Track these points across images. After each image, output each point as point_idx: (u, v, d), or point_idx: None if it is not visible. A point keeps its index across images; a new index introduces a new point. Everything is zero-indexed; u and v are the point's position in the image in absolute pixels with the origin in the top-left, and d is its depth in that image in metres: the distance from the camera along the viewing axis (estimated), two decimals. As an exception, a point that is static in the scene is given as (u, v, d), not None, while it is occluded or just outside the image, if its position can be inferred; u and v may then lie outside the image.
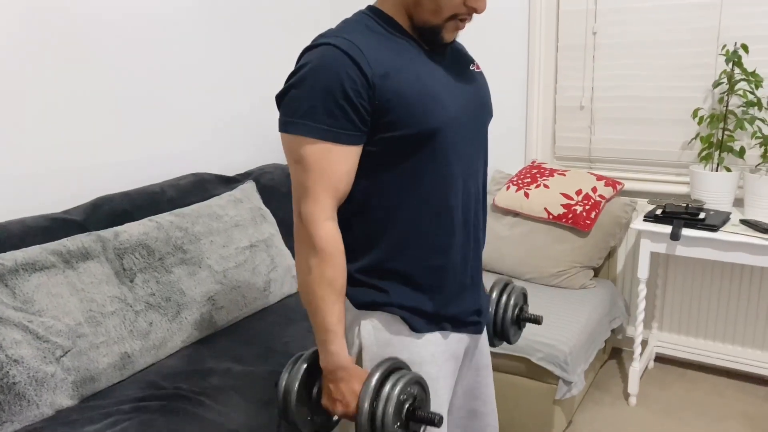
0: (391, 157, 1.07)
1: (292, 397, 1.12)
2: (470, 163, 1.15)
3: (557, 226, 2.48)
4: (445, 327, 1.17)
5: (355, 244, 1.12)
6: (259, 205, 2.30)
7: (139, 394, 1.67)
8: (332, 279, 1.06)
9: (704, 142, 2.32)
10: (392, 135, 1.05)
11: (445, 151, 1.08)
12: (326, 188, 1.04)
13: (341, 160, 1.04)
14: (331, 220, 1.06)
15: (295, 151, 1.05)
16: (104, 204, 1.98)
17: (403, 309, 1.12)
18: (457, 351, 1.22)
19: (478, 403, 1.33)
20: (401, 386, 1.04)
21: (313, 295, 1.07)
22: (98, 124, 2.08)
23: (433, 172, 1.09)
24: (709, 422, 2.32)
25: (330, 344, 1.08)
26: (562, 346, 2.04)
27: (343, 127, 1.02)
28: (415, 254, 1.12)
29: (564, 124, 2.76)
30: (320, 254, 1.05)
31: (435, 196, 1.10)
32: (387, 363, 1.07)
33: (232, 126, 2.59)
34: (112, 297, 1.77)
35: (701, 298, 2.57)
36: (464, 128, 1.12)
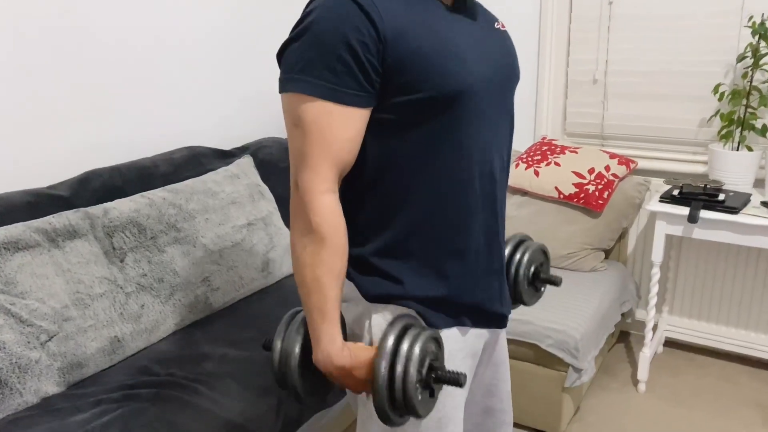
0: (406, 125, 0.95)
1: (292, 360, 0.98)
2: (496, 132, 1.03)
3: (568, 206, 2.38)
4: (464, 322, 1.06)
5: (367, 224, 1.01)
6: (256, 181, 2.20)
7: (130, 381, 1.58)
8: (329, 258, 0.94)
9: (725, 120, 2.21)
10: (408, 99, 0.93)
11: (469, 117, 0.97)
12: (326, 156, 0.92)
13: (343, 124, 0.92)
14: (330, 192, 0.94)
15: (292, 112, 0.93)
16: (93, 179, 1.87)
17: (419, 302, 1.02)
18: (476, 347, 1.12)
19: (495, 401, 1.24)
20: (421, 343, 0.93)
21: (307, 276, 0.95)
22: (87, 93, 1.96)
23: (455, 141, 0.97)
24: (721, 410, 2.25)
25: (322, 332, 0.95)
26: (572, 332, 1.95)
27: (346, 85, 0.91)
28: (433, 234, 1.01)
29: (576, 98, 2.64)
30: (317, 230, 0.93)
31: (456, 169, 0.98)
32: (401, 321, 0.96)
33: (229, 97, 2.47)
34: (101, 278, 1.67)
35: (714, 281, 2.49)
36: (490, 92, 0.99)
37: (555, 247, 2.35)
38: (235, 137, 2.53)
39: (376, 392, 0.92)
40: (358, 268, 1.04)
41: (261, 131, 2.65)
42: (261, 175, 2.30)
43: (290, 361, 1.00)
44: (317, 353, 0.97)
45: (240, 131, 2.55)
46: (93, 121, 1.99)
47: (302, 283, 0.96)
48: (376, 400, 0.93)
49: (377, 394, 0.92)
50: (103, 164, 2.04)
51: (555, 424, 2.05)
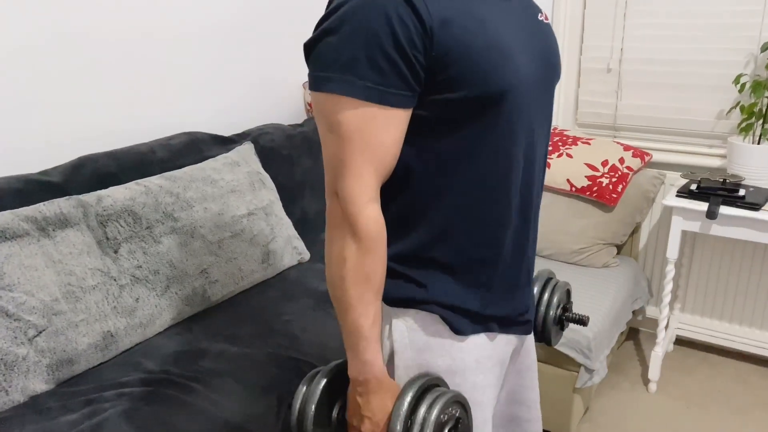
0: (444, 124, 0.87)
1: (308, 419, 0.95)
2: (535, 134, 0.94)
3: (580, 199, 2.29)
4: (491, 327, 0.98)
5: (391, 227, 0.93)
6: (257, 168, 2.11)
7: (123, 379, 1.51)
8: (371, 273, 0.87)
9: (745, 112, 2.12)
10: (449, 97, 0.84)
11: (511, 118, 0.88)
12: (370, 162, 0.84)
13: (388, 127, 0.84)
14: (374, 201, 0.87)
15: (330, 116, 0.84)
16: (86, 165, 1.78)
17: (443, 307, 0.94)
18: (504, 354, 1.05)
19: (522, 409, 1.16)
20: (440, 407, 0.87)
21: (346, 292, 0.88)
22: (82, 75, 1.87)
23: (494, 143, 0.88)
24: (734, 412, 2.18)
25: (363, 352, 0.90)
26: (585, 331, 1.88)
27: (393, 85, 0.81)
28: (461, 243, 0.92)
29: (588, 87, 2.55)
30: (362, 242, 0.86)
31: (493, 174, 0.90)
32: (421, 379, 0.90)
33: (230, 82, 2.38)
34: (94, 269, 1.59)
35: (728, 278, 2.41)
36: (533, 91, 0.91)
37: (566, 241, 2.27)
38: (236, 123, 2.44)
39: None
40: None
41: (262, 117, 2.56)
42: (262, 162, 2.21)
43: (306, 421, 0.95)
44: (355, 368, 0.92)
45: (241, 117, 2.46)
46: (88, 104, 1.90)
47: (339, 299, 0.90)
48: None
49: None
50: (98, 149, 1.95)
51: (565, 424, 1.98)
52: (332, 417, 0.98)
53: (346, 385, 0.98)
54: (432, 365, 0.95)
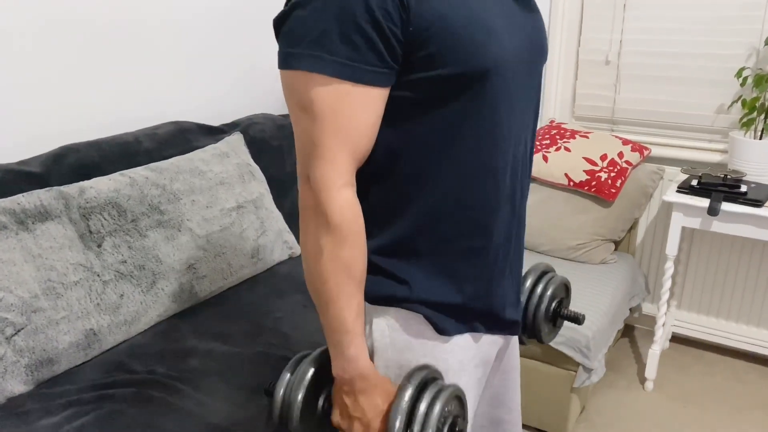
0: (425, 105, 0.81)
1: (294, 410, 0.88)
2: (522, 117, 0.89)
3: (578, 194, 2.25)
4: (476, 328, 0.93)
5: (371, 217, 0.87)
6: (247, 160, 2.04)
7: (106, 379, 1.44)
8: (350, 263, 0.82)
9: (747, 107, 2.08)
10: (429, 75, 0.79)
11: (495, 99, 0.82)
12: (343, 144, 0.79)
13: (364, 107, 0.78)
14: (349, 186, 0.81)
15: (300, 95, 0.78)
16: (68, 154, 1.71)
17: (427, 306, 0.89)
18: (489, 355, 1.00)
19: (503, 411, 1.12)
20: (441, 404, 0.81)
21: (325, 285, 0.82)
22: (64, 61, 1.79)
23: (479, 125, 0.83)
24: (731, 411, 2.15)
25: (347, 347, 0.84)
26: (584, 330, 1.83)
27: (367, 62, 0.76)
28: (447, 232, 0.87)
29: (586, 80, 2.50)
30: (336, 231, 0.80)
31: (479, 157, 0.84)
32: (421, 373, 0.84)
33: (219, 70, 2.30)
34: (76, 264, 1.52)
35: (726, 275, 2.38)
36: (519, 72, 0.85)
37: (564, 237, 2.22)
38: (225, 113, 2.36)
39: None
40: None
41: (252, 107, 2.48)
42: (252, 153, 2.14)
43: (292, 413, 0.88)
44: (339, 366, 0.86)
45: (230, 106, 2.38)
46: (70, 91, 1.82)
47: (321, 293, 0.84)
48: None
49: None
50: (80, 139, 1.87)
51: (562, 425, 1.94)
52: (318, 407, 0.92)
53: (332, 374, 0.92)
54: (414, 365, 0.90)
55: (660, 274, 2.49)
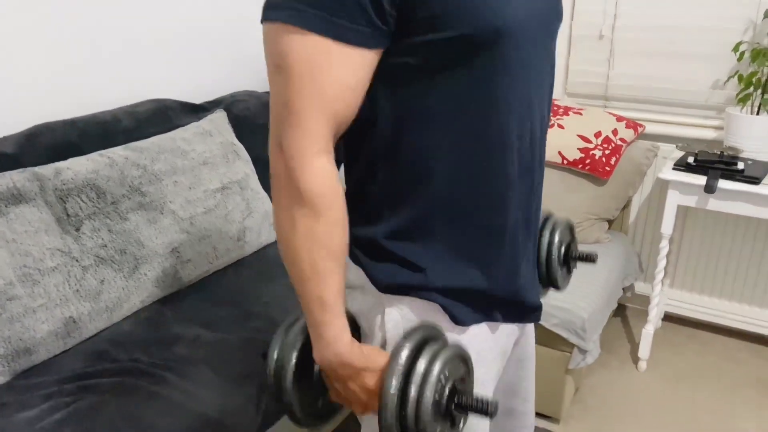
0: (429, 73, 0.74)
1: (288, 373, 0.82)
2: (537, 84, 0.83)
3: (572, 172, 2.20)
4: (495, 317, 0.88)
5: (379, 199, 0.81)
6: (231, 139, 1.97)
7: (87, 369, 1.38)
8: (327, 238, 0.75)
9: (744, 82, 2.04)
10: (432, 38, 0.72)
11: (508, 63, 0.75)
12: (318, 108, 0.72)
13: (344, 69, 0.71)
14: (324, 153, 0.74)
15: (276, 49, 0.72)
16: (43, 133, 1.62)
17: (443, 294, 0.83)
18: (507, 346, 0.95)
19: (517, 401, 1.07)
20: (441, 363, 0.74)
21: (301, 262, 0.75)
22: (37, 35, 1.69)
23: (491, 94, 0.76)
24: (724, 389, 2.14)
25: (325, 329, 0.77)
26: (580, 312, 1.80)
27: (350, 18, 0.69)
28: (462, 211, 0.81)
29: (580, 55, 2.44)
30: (310, 202, 0.73)
31: (493, 129, 0.78)
32: (419, 332, 0.77)
33: (200, 45, 2.22)
34: (53, 249, 1.45)
35: (719, 254, 2.35)
36: (532, 33, 0.78)
37: (557, 216, 2.18)
38: (207, 90, 2.28)
39: (384, 418, 0.74)
40: (367, 252, 0.84)
41: (235, 83, 2.40)
42: (236, 132, 2.06)
43: (286, 375, 0.81)
44: (320, 351, 0.79)
45: (212, 83, 2.30)
46: (44, 66, 1.73)
47: (295, 269, 0.77)
48: (382, 427, 0.75)
49: (384, 421, 0.74)
50: (56, 117, 1.78)
51: (557, 407, 1.91)
52: (315, 372, 0.85)
53: None
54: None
55: (653, 253, 2.46)
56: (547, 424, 1.97)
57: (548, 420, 1.99)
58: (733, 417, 2.01)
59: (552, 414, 1.94)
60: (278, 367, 0.83)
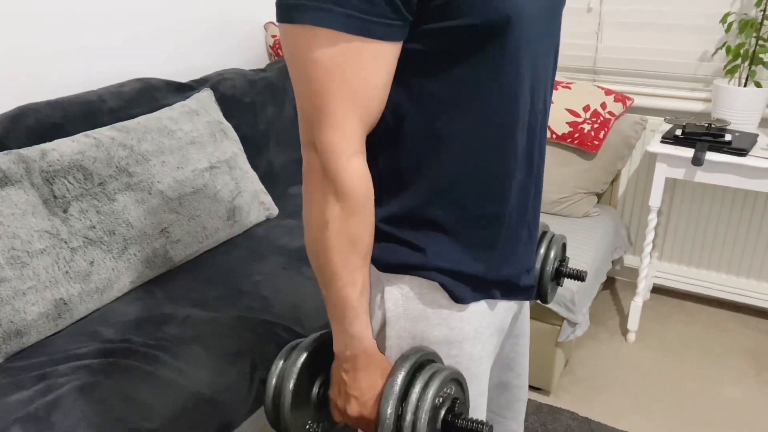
0: (439, 59, 0.74)
1: (286, 397, 0.84)
2: (543, 70, 0.82)
3: (560, 146, 2.20)
4: (493, 294, 0.88)
5: (381, 184, 0.81)
6: (218, 118, 1.95)
7: (79, 350, 1.38)
8: (358, 237, 0.76)
9: (731, 53, 2.04)
10: (447, 25, 0.71)
11: (515, 51, 0.75)
12: (353, 108, 0.71)
13: (376, 65, 0.70)
14: (360, 154, 0.75)
15: (304, 53, 0.70)
16: (28, 115, 1.61)
17: (443, 273, 0.83)
18: (504, 322, 0.95)
19: (511, 375, 1.08)
20: (436, 386, 0.77)
21: (330, 259, 0.77)
22: (19, 15, 1.67)
23: (497, 81, 0.75)
24: (711, 359, 2.17)
25: (350, 324, 0.79)
26: (569, 284, 1.81)
27: (379, 14, 0.68)
28: (464, 198, 0.81)
29: (568, 28, 2.43)
30: (347, 202, 0.74)
31: (496, 116, 0.78)
32: (414, 355, 0.80)
33: (185, 22, 2.19)
34: (41, 231, 1.44)
35: (706, 226, 2.37)
36: (539, 20, 0.78)
37: (547, 191, 2.19)
38: (193, 68, 2.25)
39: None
40: None
41: (222, 62, 2.38)
42: (223, 111, 2.05)
43: (284, 399, 0.84)
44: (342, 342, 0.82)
45: (198, 62, 2.27)
46: (26, 46, 1.71)
47: (322, 267, 0.78)
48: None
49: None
50: (40, 98, 1.76)
51: (547, 379, 1.94)
52: (312, 396, 0.88)
53: (328, 360, 0.87)
54: (427, 336, 0.85)
55: (642, 226, 2.48)
56: (538, 395, 2.00)
57: (539, 392, 2.02)
58: (719, 385, 2.05)
59: (543, 386, 1.97)
60: (277, 391, 0.85)
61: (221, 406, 1.35)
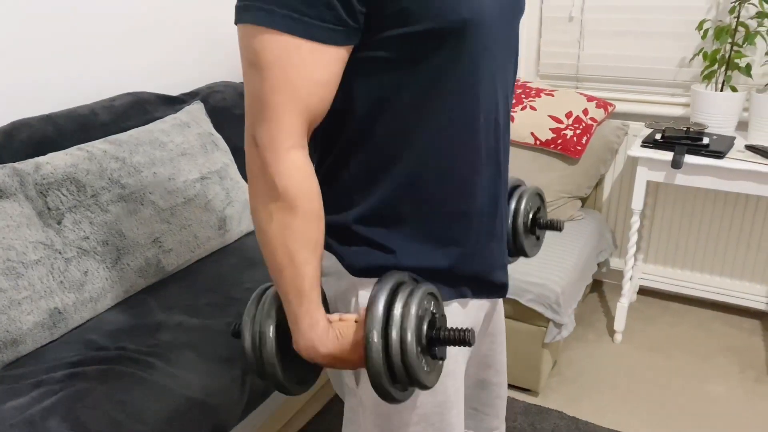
0: (400, 64, 0.78)
1: (267, 344, 0.83)
2: (502, 73, 0.87)
3: (544, 152, 2.25)
4: (464, 293, 0.92)
5: (350, 186, 0.85)
6: (209, 129, 1.99)
7: (75, 358, 1.41)
8: (302, 229, 0.78)
9: (708, 59, 2.09)
10: (403, 32, 0.75)
11: (474, 54, 0.80)
12: (291, 104, 0.75)
13: (314, 65, 0.74)
14: (298, 148, 0.77)
15: (249, 49, 0.75)
16: (21, 129, 1.64)
17: (414, 271, 0.87)
18: (477, 319, 0.99)
19: (490, 373, 1.12)
20: (416, 303, 0.78)
21: (276, 251, 0.78)
22: (9, 31, 1.71)
23: (458, 83, 0.80)
24: (697, 358, 2.21)
25: (304, 317, 0.80)
26: (553, 286, 1.85)
27: (319, 17, 0.72)
28: (430, 196, 0.85)
29: (550, 37, 2.49)
30: (284, 196, 0.76)
31: (459, 117, 0.82)
32: (390, 279, 0.81)
33: (175, 36, 2.23)
34: (36, 243, 1.47)
35: (690, 227, 2.42)
36: (497, 22, 0.82)
37: (531, 196, 2.24)
38: (183, 82, 2.30)
39: (372, 368, 0.77)
40: (339, 238, 0.88)
41: (212, 75, 2.42)
42: (214, 123, 2.09)
43: (266, 347, 0.83)
44: (298, 341, 0.82)
45: (188, 75, 2.31)
46: (18, 62, 1.74)
47: (272, 259, 0.80)
48: (372, 377, 0.78)
49: (373, 370, 0.77)
50: (33, 113, 1.80)
51: (534, 380, 1.97)
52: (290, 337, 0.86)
53: None
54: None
55: (627, 229, 2.53)
56: (526, 396, 2.04)
57: (527, 393, 2.05)
58: (705, 383, 2.09)
59: (530, 387, 2.01)
60: (255, 341, 0.84)
61: (214, 410, 1.38)
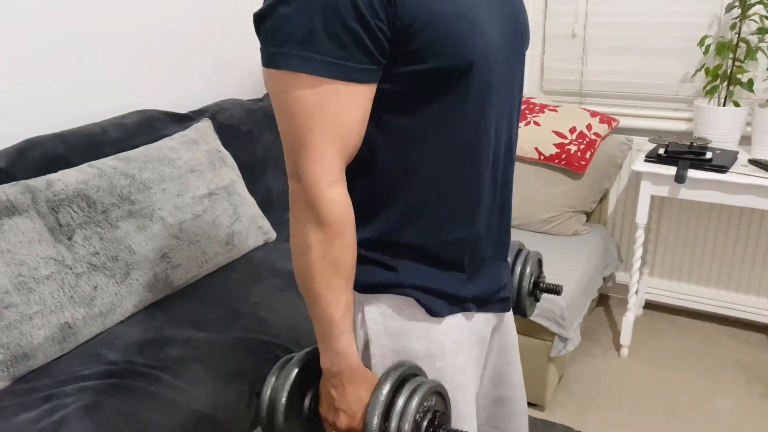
0: (411, 98, 0.81)
1: (279, 410, 0.89)
2: (506, 107, 0.90)
3: (548, 167, 2.27)
4: (469, 307, 0.94)
5: (357, 211, 0.88)
6: (217, 146, 2.02)
7: (84, 371, 1.43)
8: (340, 260, 0.83)
9: (710, 74, 2.11)
10: (416, 69, 0.79)
11: (481, 90, 0.83)
12: (332, 142, 0.79)
13: (352, 105, 0.78)
14: (339, 183, 0.82)
15: (287, 94, 0.77)
16: (33, 147, 1.68)
17: (416, 289, 0.89)
18: (484, 334, 1.01)
19: (505, 389, 1.13)
20: (418, 399, 0.82)
21: (314, 281, 0.83)
22: (23, 51, 1.75)
23: (463, 118, 0.83)
24: (704, 372, 2.21)
25: (336, 341, 0.85)
26: (558, 301, 1.86)
27: (355, 60, 0.75)
28: (432, 224, 0.88)
29: (554, 53, 2.51)
30: (327, 228, 0.81)
31: (462, 150, 0.85)
32: (399, 369, 0.85)
33: (184, 55, 2.27)
34: (47, 258, 1.50)
35: (695, 241, 2.43)
36: (502, 62, 0.86)
37: (536, 210, 2.25)
38: (192, 99, 2.33)
39: None
40: None
41: (220, 92, 2.46)
42: (221, 140, 2.12)
43: (277, 413, 0.89)
44: (329, 359, 0.87)
45: (197, 93, 2.35)
46: (31, 82, 1.78)
47: (307, 289, 0.84)
48: None
49: None
50: (44, 131, 1.84)
51: (541, 394, 1.98)
52: (304, 407, 0.93)
53: (319, 374, 0.93)
54: (409, 350, 0.91)
55: (631, 243, 2.54)
56: (532, 411, 2.04)
57: (533, 407, 2.06)
58: (712, 397, 2.09)
59: (537, 401, 2.01)
60: (271, 405, 0.90)
61: (221, 424, 1.39)
